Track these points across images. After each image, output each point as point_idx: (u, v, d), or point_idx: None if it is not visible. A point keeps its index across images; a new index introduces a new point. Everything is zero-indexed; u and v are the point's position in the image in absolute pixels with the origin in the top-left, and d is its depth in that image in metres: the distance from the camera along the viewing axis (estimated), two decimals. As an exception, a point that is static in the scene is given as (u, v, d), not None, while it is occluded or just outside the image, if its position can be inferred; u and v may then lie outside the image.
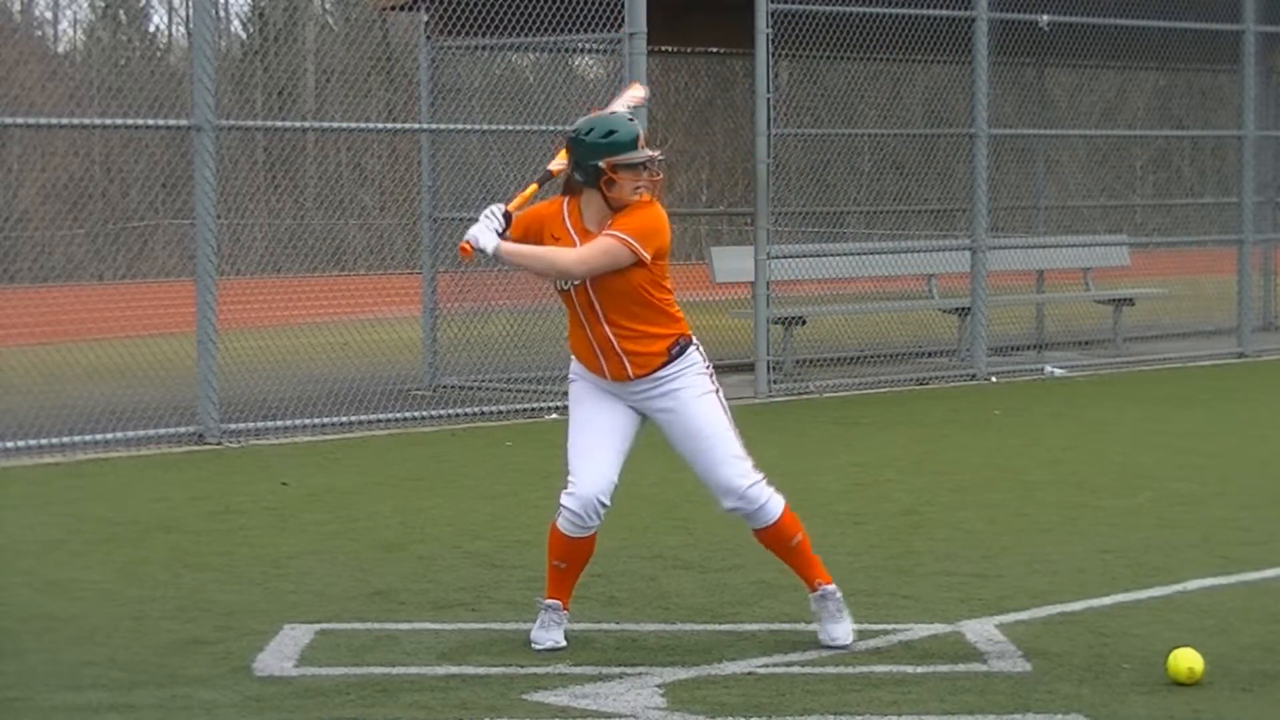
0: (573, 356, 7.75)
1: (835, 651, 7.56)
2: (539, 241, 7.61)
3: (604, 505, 7.61)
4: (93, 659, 7.47)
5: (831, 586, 7.68)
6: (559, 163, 7.73)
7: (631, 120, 7.61)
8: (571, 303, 7.60)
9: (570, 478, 7.63)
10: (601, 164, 7.47)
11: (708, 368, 7.67)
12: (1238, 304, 20.90)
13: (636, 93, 8.01)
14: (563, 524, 7.64)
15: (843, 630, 7.65)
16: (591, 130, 7.55)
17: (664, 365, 7.58)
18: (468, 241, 7.55)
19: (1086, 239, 22.19)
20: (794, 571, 7.78)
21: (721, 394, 7.67)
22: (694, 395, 7.59)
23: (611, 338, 7.56)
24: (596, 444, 7.62)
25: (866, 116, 21.39)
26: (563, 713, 6.74)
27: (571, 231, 7.57)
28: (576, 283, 7.52)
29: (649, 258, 7.47)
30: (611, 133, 7.52)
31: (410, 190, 23.75)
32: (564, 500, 7.63)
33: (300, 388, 15.47)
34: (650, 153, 7.57)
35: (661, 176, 7.66)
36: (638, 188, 7.53)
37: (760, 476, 7.61)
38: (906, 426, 15.16)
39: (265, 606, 8.43)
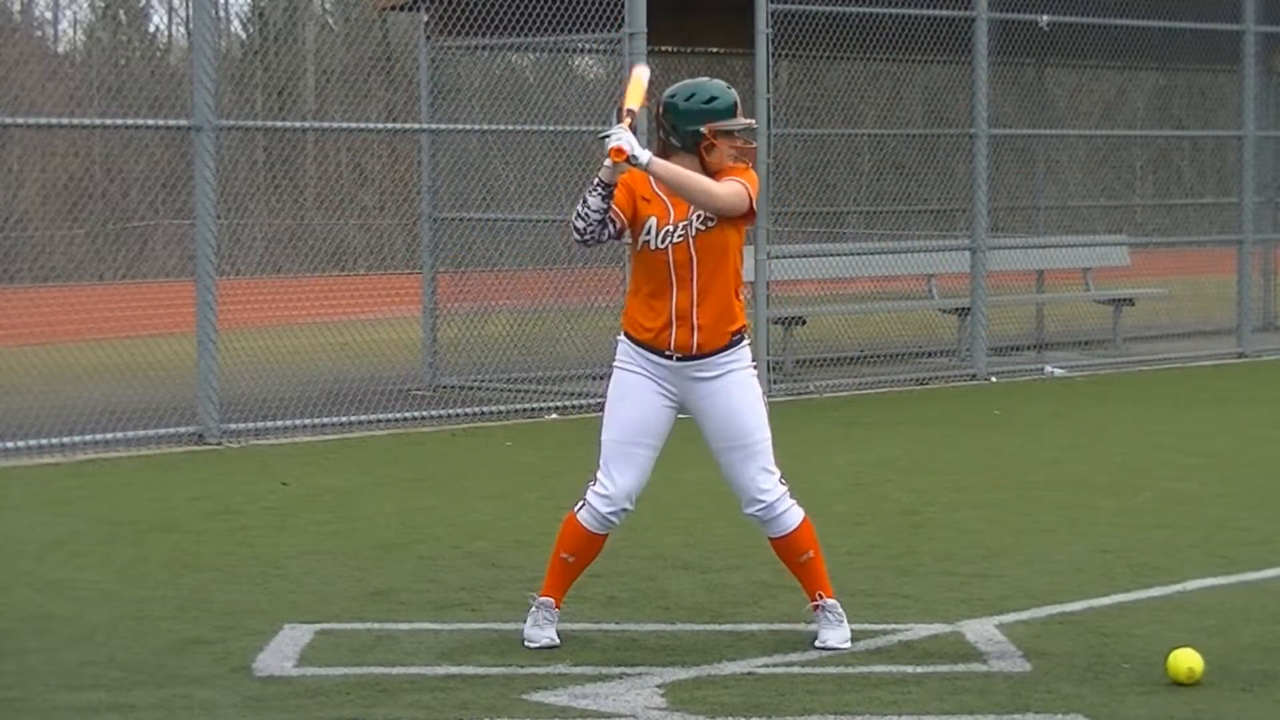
0: (623, 340, 7.63)
1: (833, 652, 7.56)
2: (631, 207, 7.53)
3: (628, 509, 7.60)
4: (93, 659, 7.47)
5: (833, 601, 7.69)
6: (634, 101, 7.59)
7: (729, 88, 7.64)
8: (663, 262, 7.51)
9: (603, 475, 7.58)
10: (704, 129, 7.50)
11: (755, 366, 7.69)
12: (1238, 304, 20.90)
13: (641, 75, 7.80)
14: (584, 518, 7.61)
15: (837, 636, 7.64)
16: (693, 96, 7.56)
17: (723, 349, 7.57)
18: (622, 146, 7.33)
19: (1086, 239, 22.19)
20: (799, 581, 7.77)
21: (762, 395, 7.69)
22: (742, 390, 7.58)
23: (695, 302, 7.51)
24: (636, 445, 7.57)
25: (866, 116, 21.40)
26: (563, 713, 6.74)
27: (661, 195, 7.52)
28: (679, 239, 7.49)
29: (754, 213, 7.57)
30: (714, 99, 7.55)
31: (410, 190, 23.75)
32: (591, 498, 7.59)
33: (300, 388, 15.47)
34: (748, 120, 7.63)
35: (755, 145, 7.72)
36: (733, 153, 7.56)
37: (785, 489, 7.65)
38: (906, 426, 15.16)
39: (265, 606, 8.43)
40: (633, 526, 10.19)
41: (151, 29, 33.62)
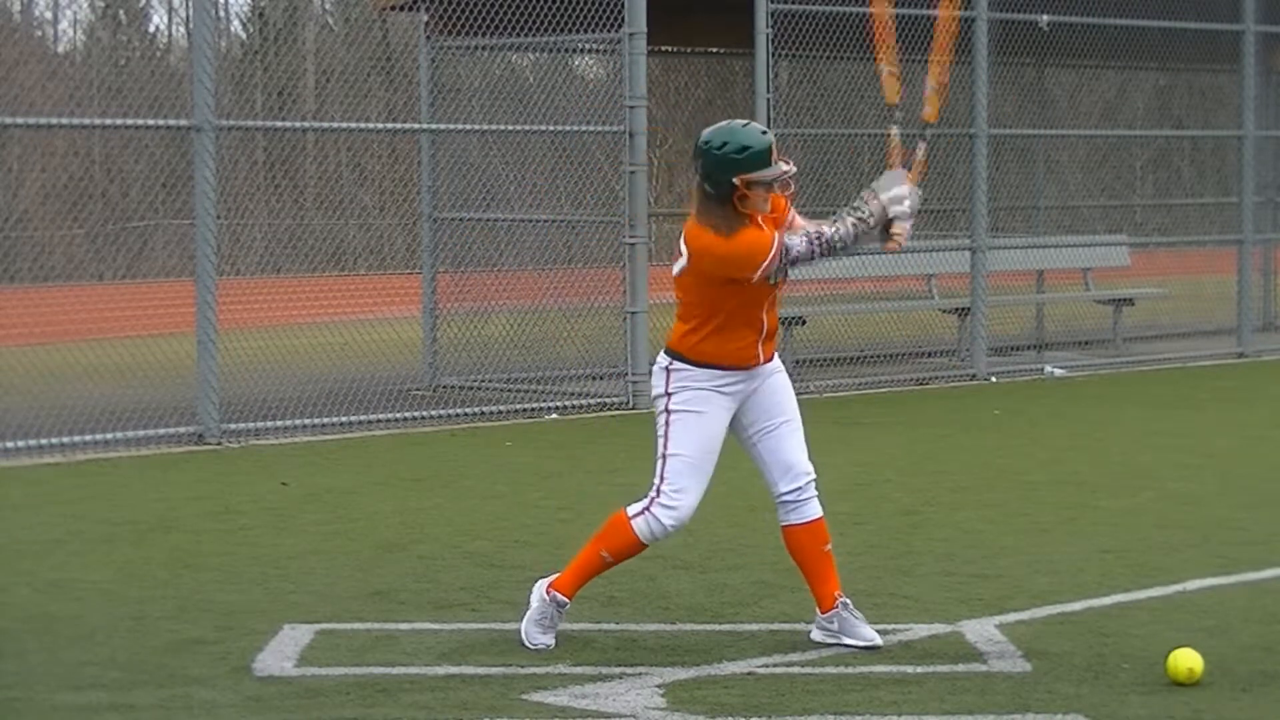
0: (697, 363, 7.46)
1: (842, 651, 7.55)
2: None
3: (683, 526, 7.59)
4: (93, 659, 7.47)
5: (845, 599, 7.68)
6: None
7: (765, 133, 7.40)
8: (768, 293, 7.47)
9: (672, 489, 7.48)
10: (736, 180, 7.27)
11: None
12: (1238, 304, 20.89)
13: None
14: (641, 526, 7.51)
15: (870, 630, 7.64)
16: (726, 144, 7.31)
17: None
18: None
19: (1086, 239, 22.18)
20: (812, 585, 7.69)
21: None
22: (785, 376, 7.68)
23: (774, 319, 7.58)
24: (708, 465, 7.52)
25: (866, 116, 21.39)
26: (563, 713, 6.74)
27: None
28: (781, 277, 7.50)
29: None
30: (746, 149, 7.30)
31: (410, 190, 23.76)
32: (659, 513, 7.48)
33: (300, 388, 15.47)
34: (785, 168, 7.39)
35: (794, 190, 7.51)
36: (766, 200, 7.40)
37: None
38: (906, 426, 15.16)
39: (265, 606, 8.43)
40: (633, 526, 10.18)
41: (151, 29, 33.67)
